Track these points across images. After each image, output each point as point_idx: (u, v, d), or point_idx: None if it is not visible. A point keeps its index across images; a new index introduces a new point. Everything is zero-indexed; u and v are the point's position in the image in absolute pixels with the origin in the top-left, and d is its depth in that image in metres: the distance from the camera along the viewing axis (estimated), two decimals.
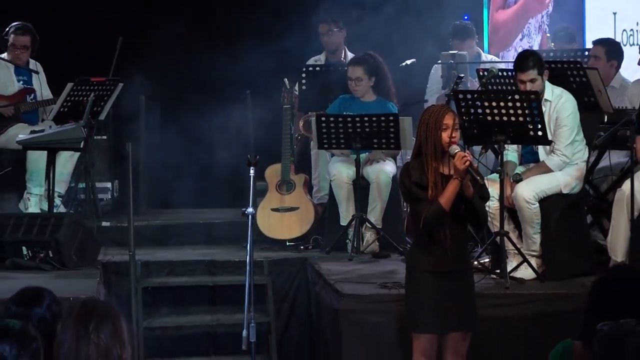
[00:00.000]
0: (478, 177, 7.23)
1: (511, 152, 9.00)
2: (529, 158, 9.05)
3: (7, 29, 10.85)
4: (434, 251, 7.42)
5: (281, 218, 10.37)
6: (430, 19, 11.73)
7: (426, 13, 11.76)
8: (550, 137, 8.80)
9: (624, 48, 11.03)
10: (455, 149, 7.26)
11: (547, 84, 8.93)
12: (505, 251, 8.66)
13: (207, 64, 12.12)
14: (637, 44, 11.15)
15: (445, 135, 7.30)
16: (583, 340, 5.32)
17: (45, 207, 10.20)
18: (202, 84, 11.92)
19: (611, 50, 10.60)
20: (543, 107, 8.81)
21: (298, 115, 10.90)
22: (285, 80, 10.54)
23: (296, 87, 10.89)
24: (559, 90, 8.99)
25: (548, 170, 8.90)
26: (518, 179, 8.86)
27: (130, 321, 8.68)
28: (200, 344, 9.76)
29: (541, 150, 8.95)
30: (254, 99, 11.06)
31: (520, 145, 9.06)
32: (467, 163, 7.17)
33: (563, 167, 8.90)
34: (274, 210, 10.33)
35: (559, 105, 8.90)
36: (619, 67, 10.50)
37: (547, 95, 8.90)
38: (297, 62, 11.18)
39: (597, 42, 10.75)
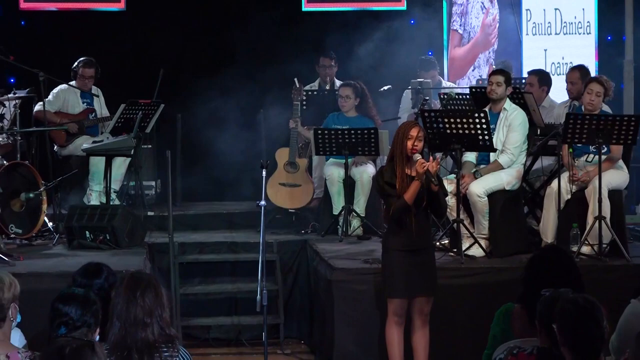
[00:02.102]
0: (433, 179, 7.26)
1: (470, 155, 9.00)
2: (484, 157, 9.04)
3: (77, 62, 10.83)
4: (402, 234, 7.44)
5: (287, 192, 10.36)
6: (402, 54, 11.71)
7: (400, 49, 11.74)
8: (499, 145, 8.85)
9: (552, 77, 11.04)
10: (417, 156, 7.32)
11: (508, 100, 8.97)
12: (461, 234, 8.66)
13: (230, 90, 12.09)
14: (563, 74, 11.13)
15: (409, 144, 7.35)
16: (521, 303, 5.32)
17: (104, 200, 10.17)
18: (226, 106, 11.90)
19: (542, 78, 10.62)
20: (501, 113, 8.93)
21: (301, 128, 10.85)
22: (295, 79, 10.49)
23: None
24: (515, 106, 9.05)
25: (500, 166, 8.90)
26: (477, 174, 8.89)
27: (169, 289, 8.67)
28: (224, 307, 9.74)
29: (492, 153, 8.95)
30: (266, 117, 11.05)
31: None
32: (425, 168, 7.23)
33: (510, 164, 8.91)
34: (281, 184, 10.32)
35: (513, 115, 8.94)
36: (548, 91, 10.52)
37: (506, 105, 8.97)
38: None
39: (531, 72, 10.77)
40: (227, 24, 12.44)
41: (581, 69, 10.03)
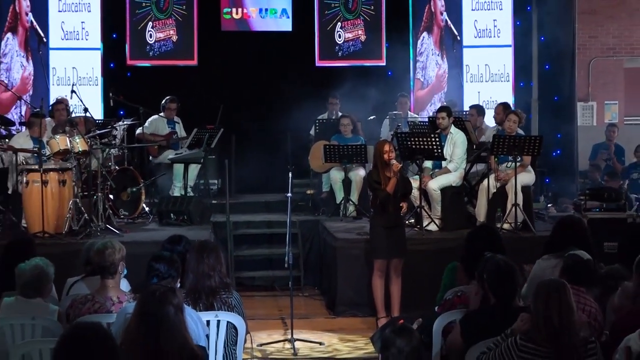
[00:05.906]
0: (405, 176, 7.31)
1: (428, 162, 8.98)
2: (438, 164, 9.02)
3: (165, 100, 10.83)
4: (383, 215, 7.45)
5: (321, 162, 10.10)
6: (383, 94, 11.69)
7: (381, 91, 11.71)
8: (448, 156, 8.83)
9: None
10: (393, 162, 7.33)
11: (453, 126, 8.96)
12: (422, 216, 8.63)
13: (267, 119, 12.09)
14: (491, 108, 11.05)
15: (386, 156, 7.37)
16: (462, 262, 5.30)
17: (183, 193, 10.17)
18: (265, 129, 11.89)
19: (479, 110, 10.65)
20: (449, 135, 8.89)
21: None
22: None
23: (312, 131, 10.91)
24: (458, 130, 9.04)
25: (448, 170, 8.92)
26: (433, 175, 8.88)
27: (226, 252, 8.66)
28: (263, 264, 9.72)
29: (443, 162, 8.93)
30: (291, 137, 11.02)
31: None
32: (398, 168, 7.27)
33: (456, 169, 8.93)
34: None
35: (457, 136, 8.95)
36: (483, 118, 10.50)
37: (452, 129, 8.95)
38: (313, 118, 11.16)
39: (472, 107, 10.80)
40: (265, 74, 12.40)
41: (504, 105, 10.09)
